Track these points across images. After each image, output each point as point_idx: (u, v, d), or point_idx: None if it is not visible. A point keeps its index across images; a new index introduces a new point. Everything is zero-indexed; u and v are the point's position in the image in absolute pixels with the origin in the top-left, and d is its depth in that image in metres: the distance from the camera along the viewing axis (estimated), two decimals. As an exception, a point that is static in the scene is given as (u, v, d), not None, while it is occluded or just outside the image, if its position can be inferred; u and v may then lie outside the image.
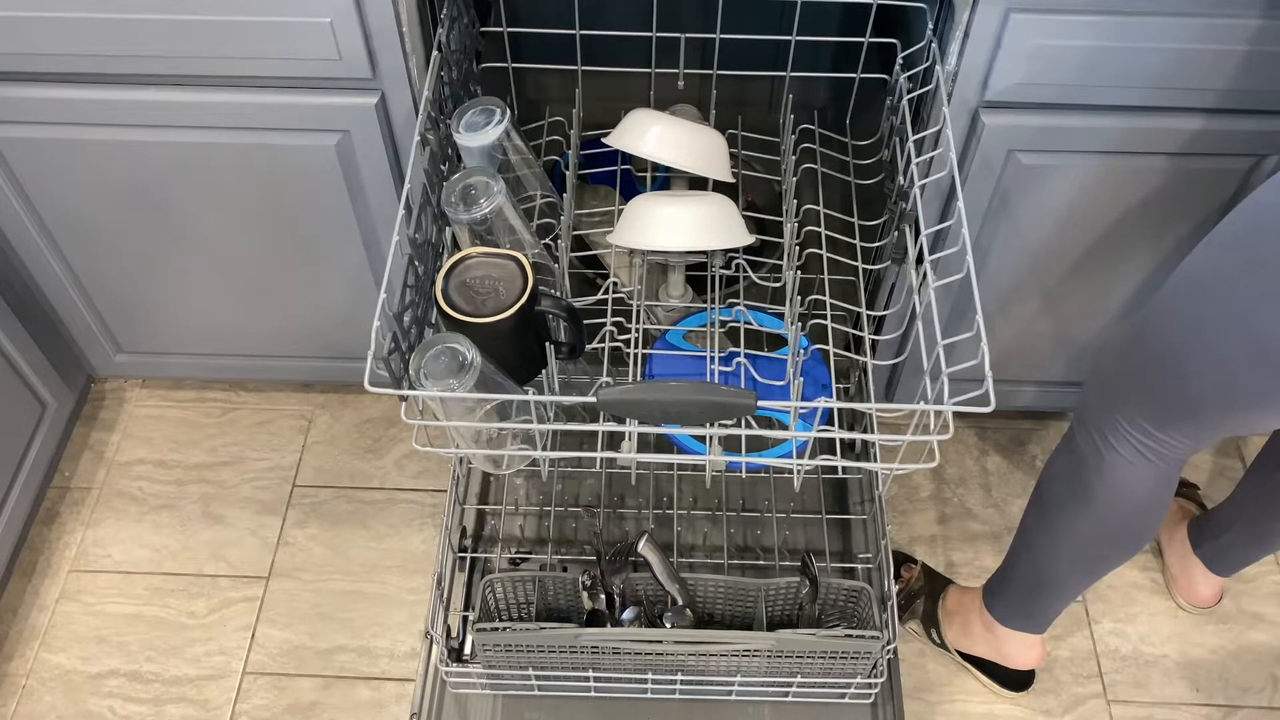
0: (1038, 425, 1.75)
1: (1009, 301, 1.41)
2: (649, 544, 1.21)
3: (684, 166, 1.23)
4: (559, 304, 1.02)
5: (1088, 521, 1.16)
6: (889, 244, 1.23)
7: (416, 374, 0.91)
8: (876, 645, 1.16)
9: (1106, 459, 1.10)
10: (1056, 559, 1.23)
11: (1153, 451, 1.06)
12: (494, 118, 1.11)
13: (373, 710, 1.45)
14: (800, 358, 1.11)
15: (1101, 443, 1.10)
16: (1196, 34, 1.08)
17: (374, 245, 1.39)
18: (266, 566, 1.59)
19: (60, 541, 1.61)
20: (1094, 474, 1.12)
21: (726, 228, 1.19)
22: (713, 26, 1.28)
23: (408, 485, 1.68)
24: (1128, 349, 1.06)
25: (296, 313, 1.52)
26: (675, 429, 1.10)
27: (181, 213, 1.36)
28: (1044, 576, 1.27)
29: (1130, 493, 1.11)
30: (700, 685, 1.28)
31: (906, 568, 1.53)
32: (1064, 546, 1.21)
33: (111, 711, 1.45)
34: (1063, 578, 1.25)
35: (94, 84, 1.21)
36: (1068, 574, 1.25)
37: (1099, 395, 1.10)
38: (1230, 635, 1.52)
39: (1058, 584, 1.27)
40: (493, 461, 1.06)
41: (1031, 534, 1.25)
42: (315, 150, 1.26)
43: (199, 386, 1.79)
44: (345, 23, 1.11)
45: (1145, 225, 1.29)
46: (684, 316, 1.30)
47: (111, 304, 1.52)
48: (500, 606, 1.29)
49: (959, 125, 1.19)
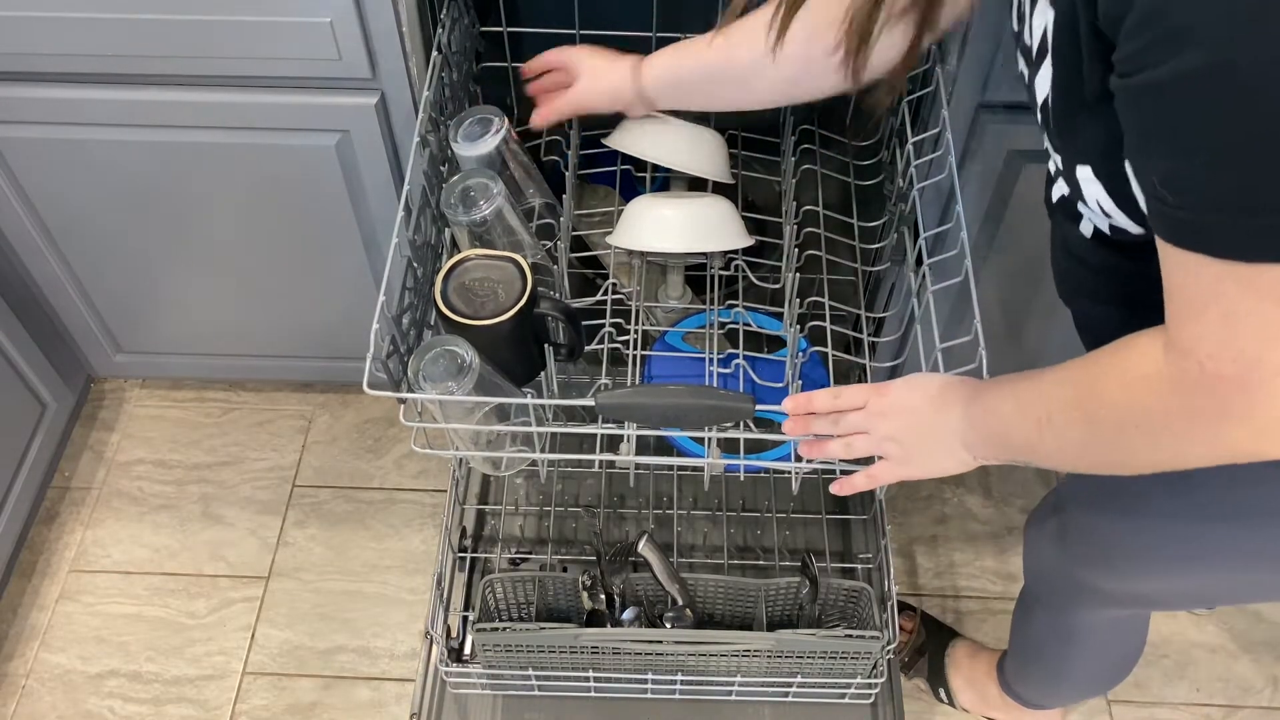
0: (1038, 425, 1.75)
1: (1008, 305, 1.41)
2: (649, 544, 1.21)
3: (683, 167, 1.23)
4: (558, 306, 1.01)
5: (1072, 675, 1.18)
6: (888, 246, 1.22)
7: (415, 376, 0.91)
8: (876, 645, 1.17)
9: (1076, 628, 1.11)
10: (1059, 670, 1.22)
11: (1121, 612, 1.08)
12: (491, 127, 1.11)
13: (373, 710, 1.45)
14: (799, 360, 1.11)
15: (1070, 617, 1.11)
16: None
17: (373, 246, 1.39)
18: (266, 566, 1.59)
19: (60, 541, 1.61)
20: (1068, 643, 1.13)
21: (725, 229, 1.18)
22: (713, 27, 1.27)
23: (408, 485, 1.68)
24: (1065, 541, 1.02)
25: (296, 313, 1.52)
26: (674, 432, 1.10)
27: (181, 213, 1.36)
28: (1056, 672, 1.24)
29: (1108, 641, 1.13)
30: (700, 685, 1.28)
31: (906, 617, 1.48)
32: (1060, 684, 1.23)
33: (111, 711, 1.45)
34: (1069, 678, 1.24)
35: (94, 84, 1.21)
36: (1068, 691, 1.26)
37: (1053, 581, 1.09)
38: (1230, 635, 1.52)
39: (1070, 682, 1.25)
40: (492, 463, 1.06)
41: (1034, 630, 1.23)
42: (315, 150, 1.26)
43: (199, 386, 1.79)
44: (345, 23, 1.11)
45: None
46: (683, 318, 1.30)
47: (111, 304, 1.52)
48: (500, 606, 1.29)
49: (959, 127, 1.19)
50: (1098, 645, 1.14)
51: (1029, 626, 1.22)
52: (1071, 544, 0.98)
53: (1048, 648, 1.18)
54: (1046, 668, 1.24)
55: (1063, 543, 0.99)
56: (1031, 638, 1.21)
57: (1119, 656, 1.18)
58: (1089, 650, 1.14)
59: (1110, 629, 1.12)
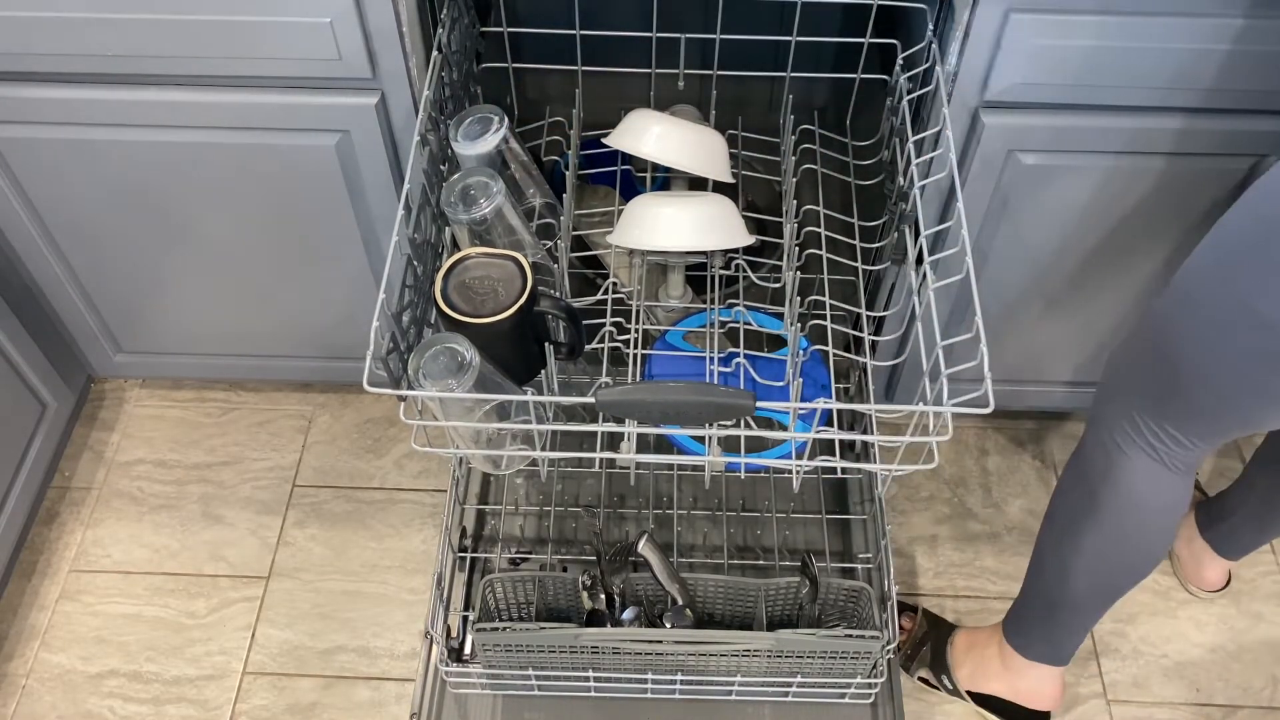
0: (1038, 425, 1.75)
1: (1009, 302, 1.41)
2: (649, 544, 1.21)
3: (684, 167, 1.23)
4: (558, 304, 1.02)
5: (1103, 532, 1.13)
6: (889, 245, 1.23)
7: (415, 374, 0.91)
8: (876, 645, 1.16)
9: (1120, 465, 1.08)
10: (1074, 577, 1.20)
11: (1167, 455, 1.05)
12: (491, 126, 1.11)
13: (373, 710, 1.45)
14: (800, 358, 1.11)
15: (1114, 449, 1.08)
16: (1197, 34, 1.08)
17: (373, 245, 1.39)
18: (266, 566, 1.59)
19: (60, 541, 1.61)
20: (1108, 482, 1.10)
21: (726, 228, 1.19)
22: (713, 27, 1.28)
23: (408, 485, 1.68)
24: (1138, 350, 1.05)
25: (296, 313, 1.52)
26: (674, 429, 1.10)
27: (181, 213, 1.36)
28: (1062, 598, 1.24)
29: (1145, 498, 1.09)
30: (700, 685, 1.28)
31: (907, 617, 1.48)
32: (1080, 562, 1.18)
33: (111, 711, 1.45)
34: (1080, 598, 1.23)
35: (94, 84, 1.21)
36: (1085, 593, 1.22)
37: (1112, 399, 1.09)
38: (1230, 635, 1.52)
39: (1076, 605, 1.24)
40: (492, 462, 1.06)
41: (1047, 554, 1.23)
42: (315, 150, 1.26)
43: (199, 386, 1.79)
44: (345, 23, 1.11)
45: (1146, 225, 1.29)
46: (684, 317, 1.30)
47: (111, 304, 1.53)
48: (500, 606, 1.29)
49: (959, 126, 1.19)
50: (1128, 511, 1.12)
51: (1058, 512, 1.20)
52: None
53: (1068, 531, 1.17)
54: (1051, 573, 1.22)
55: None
56: (1058, 518, 1.20)
57: (1140, 539, 1.15)
58: (1114, 521, 1.12)
59: (1146, 494, 1.10)
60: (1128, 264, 1.35)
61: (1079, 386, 1.57)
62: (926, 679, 1.45)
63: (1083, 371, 1.54)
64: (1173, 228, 1.30)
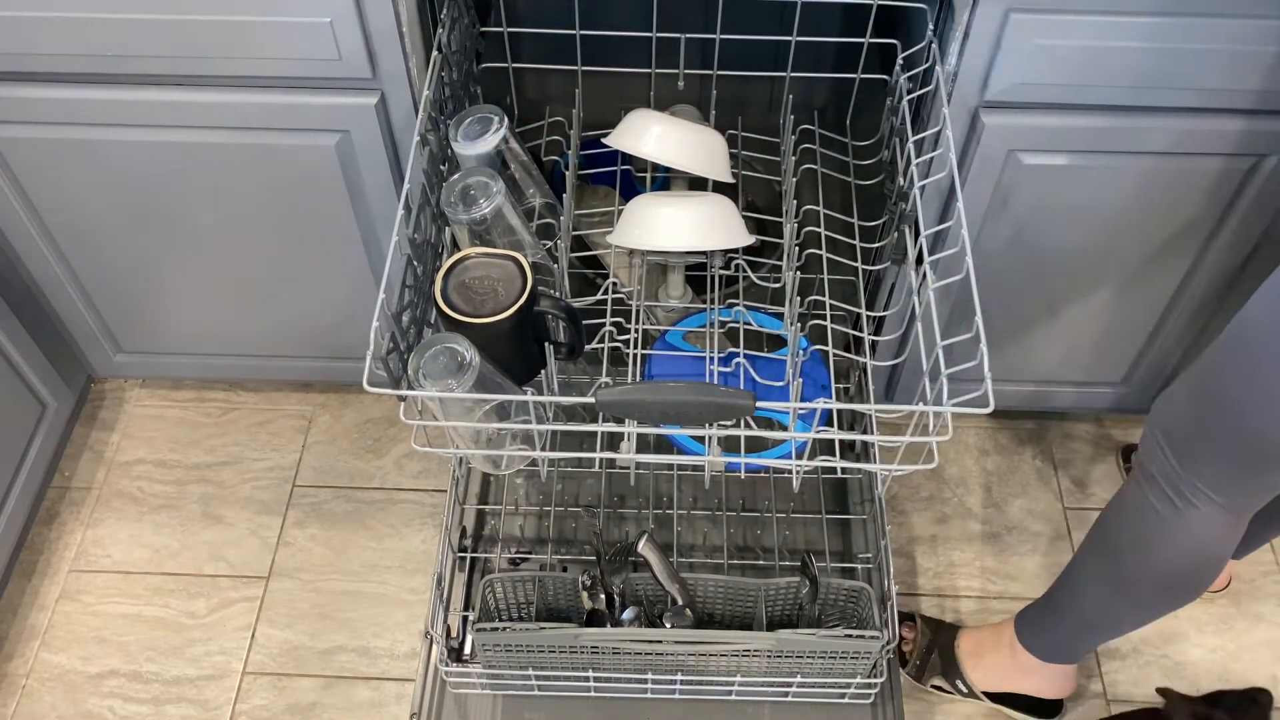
0: (1038, 425, 1.75)
1: (1009, 302, 1.41)
2: (649, 544, 1.21)
3: (684, 167, 1.23)
4: (558, 304, 1.01)
5: (1157, 570, 1.12)
6: (889, 245, 1.23)
7: (415, 374, 0.91)
8: (876, 645, 1.16)
9: (1184, 513, 1.05)
10: (1115, 605, 1.19)
11: (1232, 505, 1.03)
12: (491, 126, 1.11)
13: (373, 710, 1.45)
14: (800, 358, 1.11)
15: (1178, 498, 1.05)
16: (1196, 34, 1.08)
17: (373, 245, 1.39)
18: (266, 566, 1.59)
19: (60, 541, 1.61)
20: (1168, 527, 1.08)
21: (726, 228, 1.19)
22: (713, 27, 1.28)
23: (408, 485, 1.68)
24: (1196, 403, 1.02)
25: (296, 313, 1.52)
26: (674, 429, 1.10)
27: (181, 213, 1.36)
28: (1098, 619, 1.24)
29: (1205, 543, 1.07)
30: (700, 685, 1.28)
31: (907, 626, 1.48)
32: (1126, 593, 1.17)
33: (111, 711, 1.45)
34: (1118, 620, 1.23)
35: (94, 84, 1.21)
36: (1125, 618, 1.22)
37: (1172, 453, 1.05)
38: (1230, 635, 1.52)
39: (1112, 626, 1.24)
40: (492, 462, 1.06)
41: (1089, 579, 1.21)
42: (315, 150, 1.26)
43: (199, 386, 1.79)
44: (345, 23, 1.11)
45: (1146, 225, 1.29)
46: (683, 317, 1.30)
47: (111, 304, 1.53)
48: (500, 606, 1.29)
49: (959, 125, 1.19)
50: (1188, 555, 1.10)
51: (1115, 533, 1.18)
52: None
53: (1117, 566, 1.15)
54: (1090, 598, 1.21)
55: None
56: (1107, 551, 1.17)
57: (1189, 576, 1.13)
58: (1172, 562, 1.10)
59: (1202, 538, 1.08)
60: (1128, 263, 1.35)
61: (1079, 386, 1.57)
62: (941, 686, 1.45)
63: (1083, 371, 1.54)
64: (1173, 227, 1.30)
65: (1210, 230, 1.30)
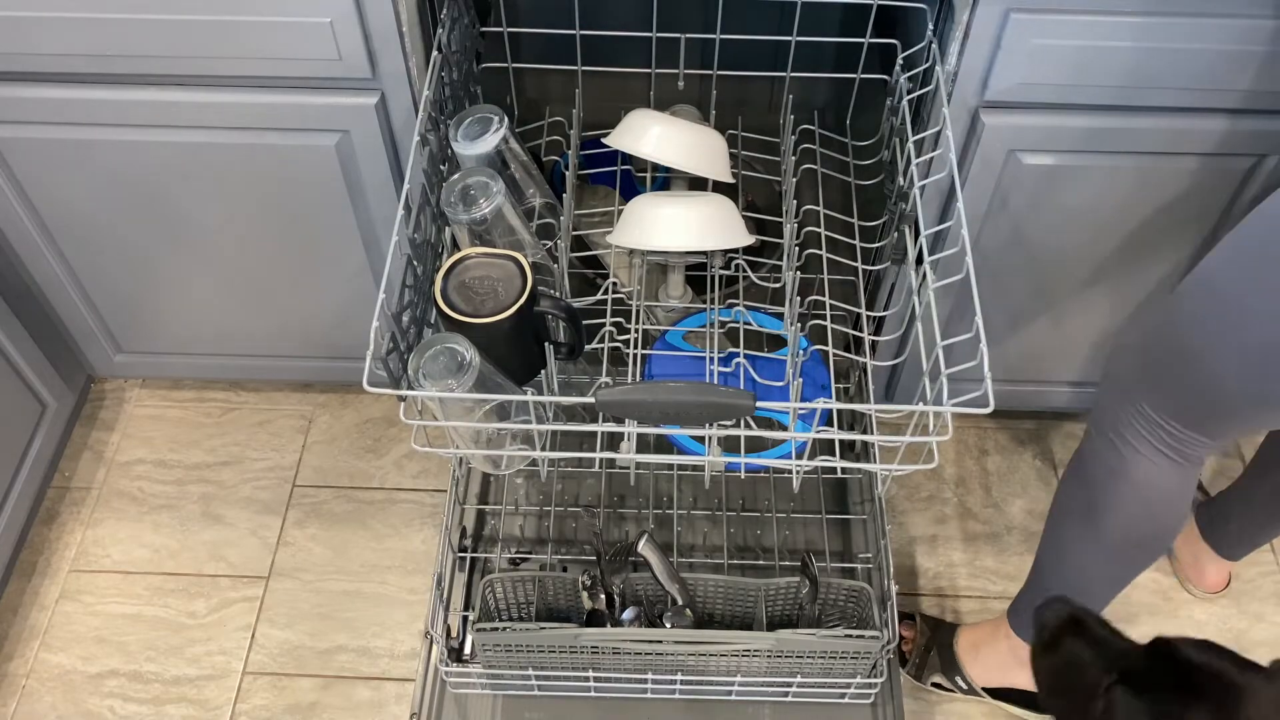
0: (1038, 425, 1.75)
1: (1009, 302, 1.41)
2: (649, 544, 1.21)
3: (684, 167, 1.23)
4: (558, 304, 1.02)
5: (1110, 523, 1.14)
6: (889, 244, 1.23)
7: (415, 374, 0.91)
8: (876, 645, 1.16)
9: (1127, 458, 1.08)
10: (1081, 568, 1.20)
11: (1174, 449, 1.05)
12: (491, 126, 1.11)
13: (373, 710, 1.45)
14: (800, 358, 1.11)
15: (1120, 442, 1.08)
16: (1196, 34, 1.08)
17: (373, 245, 1.39)
18: (266, 566, 1.59)
19: (60, 541, 1.61)
20: (1114, 475, 1.10)
21: (726, 228, 1.19)
22: (713, 27, 1.28)
23: (408, 485, 1.68)
24: (1149, 347, 1.05)
25: (296, 313, 1.52)
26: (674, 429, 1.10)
27: (181, 213, 1.36)
28: (1075, 588, 1.23)
29: (1151, 490, 1.09)
30: (700, 685, 1.28)
31: (906, 625, 1.48)
32: (1087, 554, 1.18)
33: (111, 711, 1.45)
34: (1088, 587, 1.23)
35: (94, 84, 1.21)
36: (1094, 583, 1.22)
37: (1118, 394, 1.08)
38: (1230, 636, 1.52)
39: (1090, 594, 1.24)
40: (492, 462, 1.06)
41: (1057, 548, 1.23)
42: (315, 150, 1.26)
43: (199, 386, 1.79)
44: (345, 23, 1.11)
45: (1145, 224, 1.29)
46: (683, 317, 1.30)
47: (111, 304, 1.53)
48: (500, 606, 1.29)
49: (959, 125, 1.19)
50: (1140, 503, 1.12)
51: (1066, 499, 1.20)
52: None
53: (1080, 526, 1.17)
54: (1056, 565, 1.23)
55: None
56: (1067, 513, 1.20)
57: (1149, 529, 1.15)
58: (1127, 512, 1.12)
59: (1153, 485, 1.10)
60: (1128, 263, 1.35)
61: (1079, 386, 1.57)
62: (940, 684, 1.44)
63: (1083, 371, 1.54)
64: (1172, 227, 1.30)
65: (1211, 230, 1.30)
